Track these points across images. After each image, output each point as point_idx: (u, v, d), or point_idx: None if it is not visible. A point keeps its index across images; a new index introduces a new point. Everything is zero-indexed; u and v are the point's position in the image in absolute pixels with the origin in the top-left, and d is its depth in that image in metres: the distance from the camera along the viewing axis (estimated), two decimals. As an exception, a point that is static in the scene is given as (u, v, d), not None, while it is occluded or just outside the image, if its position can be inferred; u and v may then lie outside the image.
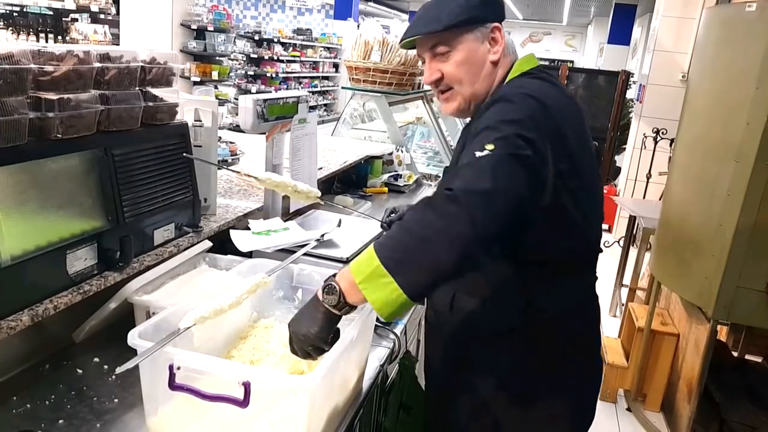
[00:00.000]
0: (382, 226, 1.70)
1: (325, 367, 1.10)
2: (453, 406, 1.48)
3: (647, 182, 5.49)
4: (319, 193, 1.64)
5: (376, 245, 1.12)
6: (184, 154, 1.69)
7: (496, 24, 1.39)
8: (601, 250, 1.45)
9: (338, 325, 1.19)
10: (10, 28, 6.42)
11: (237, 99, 8.80)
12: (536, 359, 1.39)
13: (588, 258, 1.43)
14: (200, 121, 1.87)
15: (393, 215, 1.67)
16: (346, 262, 1.76)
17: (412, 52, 1.56)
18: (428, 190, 3.38)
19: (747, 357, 3.53)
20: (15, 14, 6.61)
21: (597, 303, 1.50)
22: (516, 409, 1.41)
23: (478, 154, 1.14)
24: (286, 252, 1.72)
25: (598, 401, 3.47)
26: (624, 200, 4.72)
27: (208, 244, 1.74)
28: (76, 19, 6.79)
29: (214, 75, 8.13)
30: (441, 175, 3.58)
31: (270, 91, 10.56)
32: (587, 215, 1.35)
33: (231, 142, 3.39)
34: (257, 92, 10.80)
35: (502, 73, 1.41)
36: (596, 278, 1.48)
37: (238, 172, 1.52)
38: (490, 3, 1.39)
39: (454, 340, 1.47)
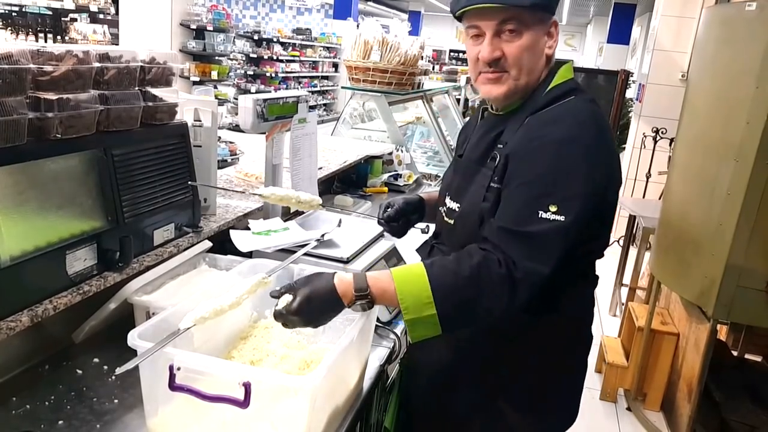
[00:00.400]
0: (379, 223, 1.69)
1: (325, 367, 1.10)
2: (452, 403, 1.48)
3: (647, 182, 5.48)
4: (321, 201, 1.64)
5: (437, 294, 1.18)
6: (189, 182, 1.71)
7: (555, 19, 1.36)
8: (603, 255, 1.45)
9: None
10: (9, 28, 6.42)
11: (236, 99, 8.81)
12: (541, 356, 1.39)
13: (596, 259, 1.43)
14: (200, 121, 1.87)
15: (389, 210, 1.65)
16: (346, 262, 1.76)
17: (412, 52, 1.53)
18: (427, 190, 3.37)
19: (747, 356, 3.53)
20: (14, 14, 6.61)
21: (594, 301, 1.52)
22: (516, 404, 1.41)
23: (542, 214, 1.18)
24: (287, 252, 1.71)
25: (599, 401, 3.48)
26: (624, 199, 4.72)
27: (208, 244, 1.74)
28: (75, 19, 6.79)
29: (214, 75, 8.13)
30: (441, 175, 3.58)
31: (269, 91, 10.55)
32: (609, 224, 1.37)
33: (231, 142, 3.39)
34: (257, 92, 10.79)
35: (546, 70, 1.38)
36: (598, 278, 1.48)
37: (243, 192, 1.55)
38: None
39: (459, 338, 1.46)
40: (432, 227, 1.65)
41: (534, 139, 1.25)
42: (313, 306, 1.19)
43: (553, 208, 1.18)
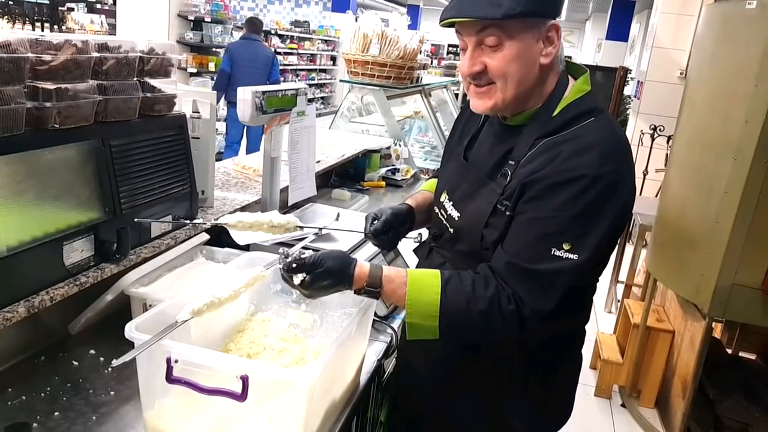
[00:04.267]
0: (366, 236, 1.54)
1: (323, 361, 1.10)
2: (453, 406, 1.47)
3: (644, 179, 5.49)
4: (298, 221, 1.50)
5: (444, 311, 1.20)
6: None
7: (555, 22, 1.23)
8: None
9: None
10: (6, 17, 6.38)
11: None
12: (543, 357, 1.39)
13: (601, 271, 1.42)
14: (198, 112, 1.86)
15: (376, 222, 1.51)
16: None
17: (411, 46, 1.48)
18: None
19: (741, 354, 3.55)
20: (11, 2, 6.57)
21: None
22: (518, 407, 1.40)
23: (555, 251, 1.15)
24: (284, 245, 1.71)
25: (593, 397, 3.48)
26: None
27: (205, 236, 1.74)
28: (73, 9, 6.76)
29: (211, 66, 8.09)
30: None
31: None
32: (614, 246, 1.35)
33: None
34: (254, 84, 10.69)
35: (554, 82, 1.27)
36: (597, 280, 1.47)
37: (205, 223, 1.47)
38: None
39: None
40: (424, 234, 1.59)
41: (556, 173, 1.16)
42: (323, 284, 1.22)
43: (566, 246, 1.15)
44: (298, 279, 1.21)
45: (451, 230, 1.38)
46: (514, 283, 1.18)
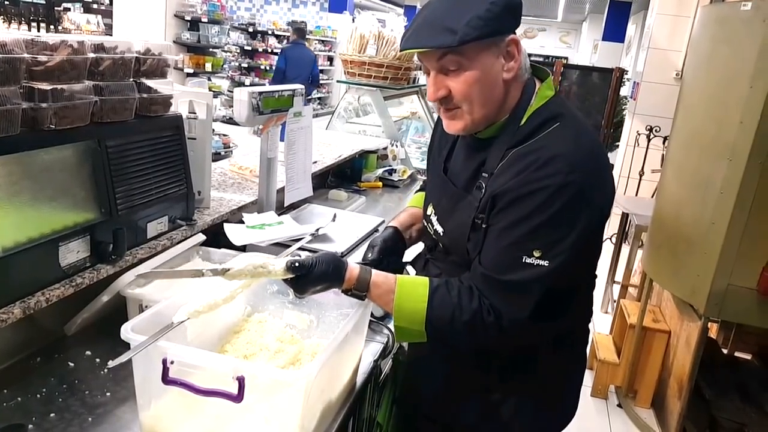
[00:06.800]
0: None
1: (320, 362, 1.10)
2: (456, 411, 1.47)
3: (640, 179, 5.51)
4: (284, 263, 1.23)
5: (430, 318, 1.23)
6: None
7: (513, 36, 1.21)
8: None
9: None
10: (2, 17, 6.37)
11: (231, 91, 8.77)
12: (546, 359, 1.39)
13: (593, 276, 1.42)
14: (195, 113, 1.86)
15: (370, 254, 1.50)
16: (341, 257, 1.75)
17: None
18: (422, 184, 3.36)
19: (737, 354, 3.55)
20: (7, 2, 6.55)
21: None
22: (520, 409, 1.40)
23: (525, 259, 1.16)
24: (281, 246, 1.71)
25: (590, 397, 3.49)
26: (616, 197, 4.73)
27: (201, 237, 1.73)
28: (69, 9, 6.75)
29: (208, 67, 8.10)
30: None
31: (264, 84, 10.51)
32: (599, 251, 1.35)
33: (224, 135, 3.37)
34: (251, 84, 10.75)
35: (518, 92, 1.27)
36: (596, 276, 1.48)
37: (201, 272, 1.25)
38: (511, 11, 1.20)
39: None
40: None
41: (523, 185, 1.17)
42: (316, 288, 1.25)
43: (537, 254, 1.16)
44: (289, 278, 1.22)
45: (441, 245, 1.41)
46: (490, 295, 1.20)
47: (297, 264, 1.22)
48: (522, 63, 1.25)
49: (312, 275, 1.22)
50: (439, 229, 1.39)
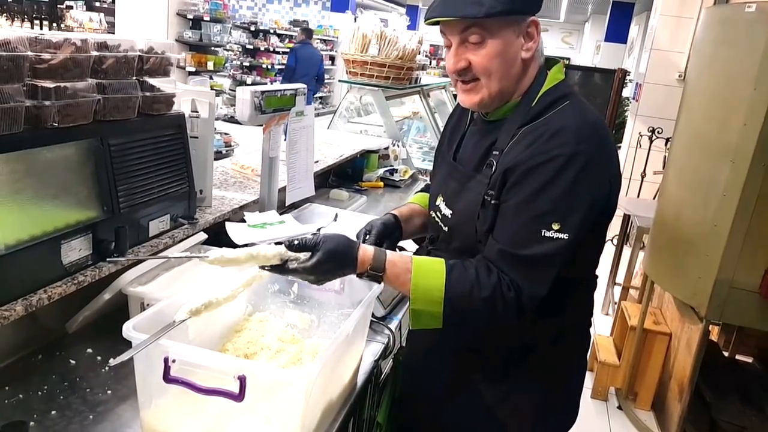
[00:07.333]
0: None
1: (321, 362, 1.10)
2: (457, 411, 1.46)
3: (642, 181, 5.50)
4: (282, 249, 1.22)
5: (449, 296, 1.21)
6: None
7: (534, 18, 1.28)
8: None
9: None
10: (5, 15, 6.37)
11: (233, 90, 8.78)
12: (548, 361, 1.39)
13: (597, 261, 1.43)
14: (197, 111, 1.86)
15: (369, 236, 1.49)
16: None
17: (410, 46, 1.48)
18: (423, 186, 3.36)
19: (738, 357, 3.55)
20: (10, 0, 6.56)
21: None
22: (521, 403, 1.40)
23: (545, 233, 1.18)
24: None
25: (590, 399, 3.49)
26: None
27: (203, 236, 1.73)
28: (72, 7, 6.75)
29: (210, 65, 8.10)
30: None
31: (266, 83, 10.52)
32: (606, 227, 1.36)
33: (226, 134, 3.37)
34: (252, 83, 10.76)
35: (533, 73, 1.32)
36: (597, 276, 1.48)
37: (188, 256, 1.31)
38: None
39: (463, 347, 1.45)
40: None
41: (533, 156, 1.20)
42: (327, 267, 1.21)
43: (555, 226, 1.17)
44: (301, 260, 1.20)
45: (446, 228, 1.40)
46: (509, 270, 1.20)
47: (297, 242, 1.20)
48: (539, 45, 1.31)
49: (320, 255, 1.19)
50: (448, 212, 1.39)
